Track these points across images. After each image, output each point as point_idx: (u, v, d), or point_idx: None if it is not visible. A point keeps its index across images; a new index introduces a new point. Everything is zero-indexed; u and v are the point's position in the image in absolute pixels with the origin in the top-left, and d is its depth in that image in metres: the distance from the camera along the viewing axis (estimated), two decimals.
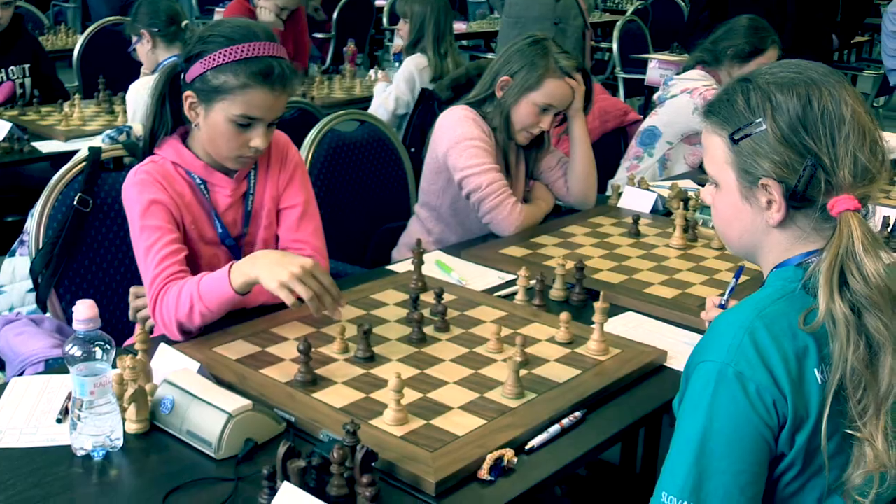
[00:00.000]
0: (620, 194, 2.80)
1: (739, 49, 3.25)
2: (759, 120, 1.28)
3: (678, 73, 3.49)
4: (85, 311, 1.39)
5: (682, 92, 3.32)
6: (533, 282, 2.02)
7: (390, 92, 4.11)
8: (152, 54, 3.57)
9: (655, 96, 3.55)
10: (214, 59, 1.82)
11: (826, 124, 1.25)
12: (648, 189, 2.81)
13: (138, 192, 1.87)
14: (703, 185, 2.95)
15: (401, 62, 4.23)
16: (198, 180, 1.92)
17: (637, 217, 2.52)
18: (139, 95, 3.26)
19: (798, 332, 1.24)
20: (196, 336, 1.78)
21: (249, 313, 1.89)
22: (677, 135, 3.36)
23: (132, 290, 1.97)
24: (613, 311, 1.95)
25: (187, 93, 1.87)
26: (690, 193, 2.79)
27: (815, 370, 1.24)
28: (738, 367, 1.22)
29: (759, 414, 1.22)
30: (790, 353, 1.23)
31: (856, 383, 1.21)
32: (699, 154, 3.38)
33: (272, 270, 1.71)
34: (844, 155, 1.24)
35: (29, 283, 2.12)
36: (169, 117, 1.94)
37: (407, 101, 4.07)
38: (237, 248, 1.98)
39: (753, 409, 1.21)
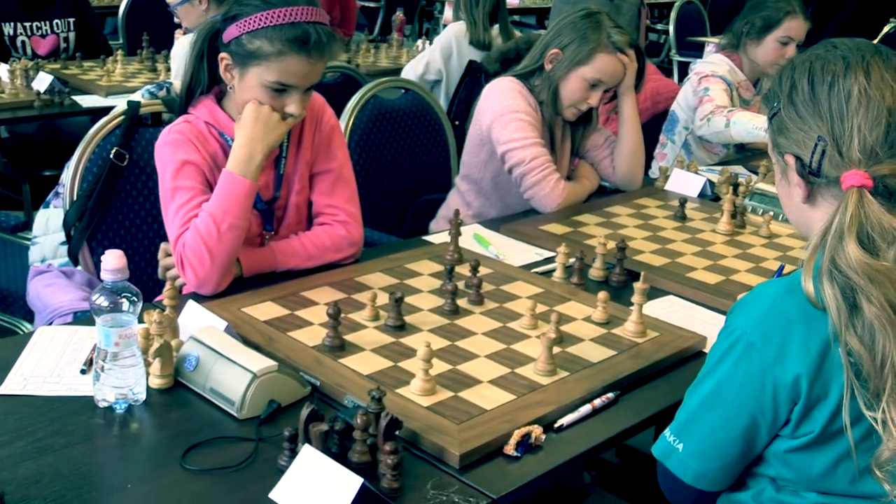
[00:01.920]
0: (668, 177, 2.72)
1: (752, 24, 3.11)
2: (783, 98, 1.31)
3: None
4: (113, 261, 1.37)
5: (694, 75, 3.20)
6: (572, 260, 1.97)
7: (423, 55, 4.04)
8: (205, 14, 3.54)
9: None
10: (250, 23, 1.78)
11: (834, 100, 1.24)
12: (697, 173, 2.73)
13: (171, 153, 1.84)
14: (754, 172, 2.89)
15: None
16: (230, 142, 1.88)
17: (684, 200, 2.45)
18: (185, 51, 3.24)
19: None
20: (225, 295, 1.76)
21: (279, 276, 1.86)
22: (688, 119, 3.23)
23: (162, 246, 1.94)
24: (654, 293, 1.90)
25: (222, 54, 1.84)
26: (741, 179, 2.71)
27: (841, 350, 1.20)
28: (752, 338, 1.24)
29: (763, 390, 1.23)
30: (814, 330, 1.21)
31: (864, 366, 1.17)
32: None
33: (266, 131, 1.81)
34: (853, 132, 1.23)
35: (61, 236, 2.11)
36: (205, 76, 1.91)
37: (438, 68, 3.99)
38: (269, 211, 1.95)
39: (760, 384, 1.23)
